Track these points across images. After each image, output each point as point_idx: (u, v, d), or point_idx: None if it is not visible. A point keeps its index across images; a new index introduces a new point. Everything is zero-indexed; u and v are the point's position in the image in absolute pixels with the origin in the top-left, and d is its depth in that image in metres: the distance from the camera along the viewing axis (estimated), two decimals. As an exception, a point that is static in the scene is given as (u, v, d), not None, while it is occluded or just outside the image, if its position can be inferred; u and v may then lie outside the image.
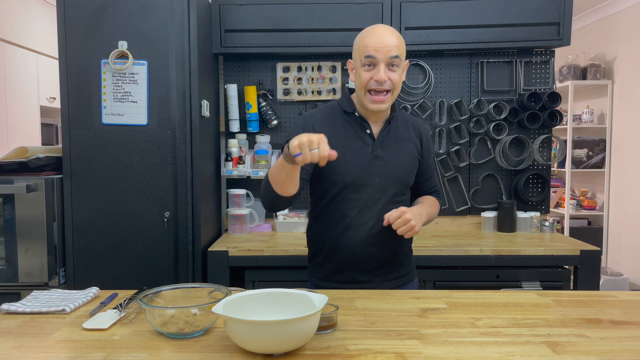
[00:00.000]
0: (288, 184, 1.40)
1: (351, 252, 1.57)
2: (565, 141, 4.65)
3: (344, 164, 1.53)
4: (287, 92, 2.76)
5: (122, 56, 2.19)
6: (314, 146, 1.22)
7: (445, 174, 2.78)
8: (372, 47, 1.47)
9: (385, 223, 1.45)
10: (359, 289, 1.56)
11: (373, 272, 1.60)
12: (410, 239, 1.71)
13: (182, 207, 2.25)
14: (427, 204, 1.65)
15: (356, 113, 1.58)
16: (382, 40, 1.47)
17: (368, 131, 1.57)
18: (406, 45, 2.52)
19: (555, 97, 2.67)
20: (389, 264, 1.61)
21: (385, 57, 1.47)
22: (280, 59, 2.76)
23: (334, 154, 1.25)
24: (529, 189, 2.79)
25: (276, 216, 2.74)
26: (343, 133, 1.57)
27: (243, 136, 2.74)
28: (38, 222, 2.14)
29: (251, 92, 2.70)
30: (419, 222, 1.48)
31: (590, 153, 4.73)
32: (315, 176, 1.58)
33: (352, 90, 1.65)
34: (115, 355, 1.07)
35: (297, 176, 1.39)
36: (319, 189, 1.61)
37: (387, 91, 1.50)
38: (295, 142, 1.23)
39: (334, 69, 2.75)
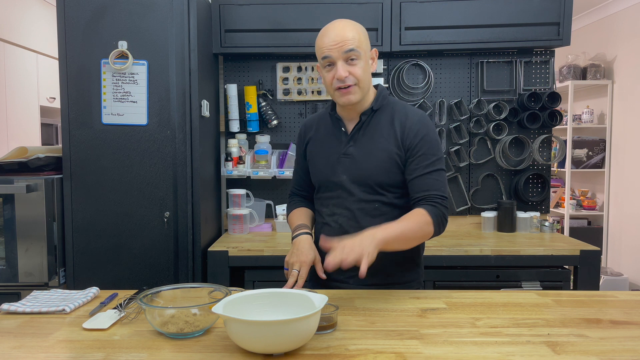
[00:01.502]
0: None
1: (325, 250, 1.54)
2: (565, 141, 4.65)
3: (318, 163, 1.59)
4: (287, 92, 2.76)
5: (122, 56, 2.19)
6: (296, 268, 1.46)
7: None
8: (326, 47, 1.44)
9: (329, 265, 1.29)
10: (337, 289, 1.56)
11: (346, 272, 1.50)
12: (413, 250, 1.54)
13: (182, 207, 2.25)
14: (402, 223, 1.39)
15: (330, 112, 1.59)
16: (335, 37, 1.43)
17: (343, 129, 1.55)
18: (406, 45, 2.57)
19: (555, 97, 2.67)
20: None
21: (340, 53, 1.42)
22: (280, 59, 2.76)
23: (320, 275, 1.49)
24: (529, 189, 2.79)
25: (276, 216, 2.74)
26: (323, 134, 1.60)
27: (243, 136, 2.74)
28: (38, 222, 2.14)
29: (251, 92, 2.70)
30: (364, 249, 1.27)
31: (590, 153, 4.73)
32: None
33: None
34: (115, 355, 1.07)
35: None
36: None
37: (353, 85, 1.45)
38: (287, 259, 1.51)
39: (334, 69, 2.75)
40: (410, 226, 1.38)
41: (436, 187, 1.45)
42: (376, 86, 1.58)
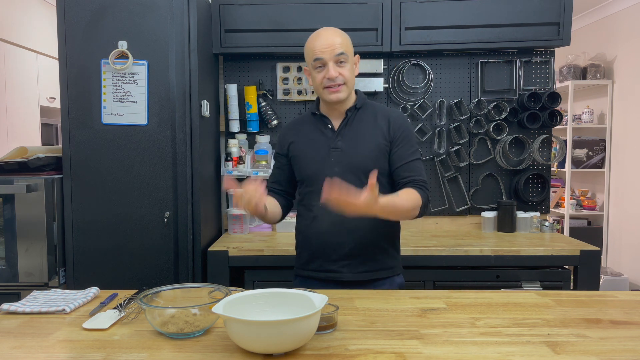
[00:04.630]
0: (265, 220, 1.66)
1: (318, 242, 1.66)
2: (565, 141, 4.65)
3: (306, 159, 1.68)
4: (287, 92, 2.76)
5: (122, 56, 2.19)
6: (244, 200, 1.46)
7: (445, 174, 2.77)
8: (319, 50, 1.59)
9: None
10: (329, 279, 1.64)
11: (340, 261, 1.64)
12: (392, 233, 1.71)
13: (182, 207, 2.25)
14: (399, 196, 1.52)
15: (317, 112, 1.71)
16: (326, 41, 1.59)
17: (330, 126, 1.68)
18: (406, 45, 2.58)
19: (555, 97, 2.67)
20: (356, 255, 1.63)
21: (331, 55, 1.58)
22: (280, 59, 2.76)
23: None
24: (529, 189, 2.79)
25: (276, 216, 2.74)
26: (307, 132, 1.71)
27: (243, 136, 2.74)
28: (38, 222, 2.14)
29: (251, 92, 2.70)
30: (365, 211, 1.36)
31: (590, 153, 4.73)
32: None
33: None
34: (115, 355, 1.07)
35: (267, 216, 1.62)
36: (298, 185, 1.77)
37: (342, 84, 1.60)
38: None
39: (334, 69, 2.75)
40: (405, 201, 1.52)
41: (419, 173, 1.65)
42: (355, 91, 1.73)
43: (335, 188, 1.30)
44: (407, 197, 1.53)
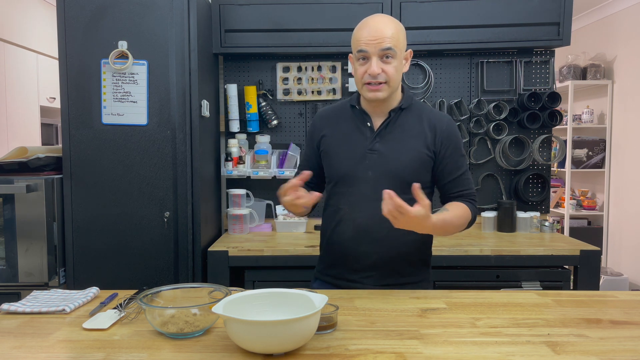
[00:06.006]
0: (297, 212, 1.54)
1: (340, 248, 1.54)
2: (565, 141, 4.65)
3: (338, 157, 1.55)
4: (287, 92, 2.76)
5: (122, 56, 2.19)
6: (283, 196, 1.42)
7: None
8: (364, 41, 1.44)
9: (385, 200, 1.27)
10: (350, 289, 1.55)
11: (362, 272, 1.54)
12: (423, 246, 1.59)
13: (182, 207, 2.25)
14: (450, 212, 1.45)
15: (357, 106, 1.56)
16: (374, 32, 1.43)
17: (368, 124, 1.54)
18: (406, 45, 2.56)
19: (555, 97, 2.67)
20: (381, 267, 1.53)
21: (376, 49, 1.43)
22: (280, 59, 2.76)
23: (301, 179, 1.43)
24: (529, 189, 2.79)
25: (276, 216, 2.74)
26: (344, 127, 1.57)
27: (243, 136, 2.74)
28: (38, 222, 2.14)
29: (251, 92, 2.71)
30: (413, 223, 1.28)
31: (590, 153, 4.73)
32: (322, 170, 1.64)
33: None
34: (115, 355, 1.07)
35: (302, 211, 1.50)
36: (325, 182, 1.65)
37: (383, 83, 1.46)
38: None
39: (334, 69, 2.75)
40: (456, 219, 1.45)
41: (470, 186, 1.56)
42: (402, 88, 1.58)
43: (393, 197, 1.24)
44: (458, 214, 1.45)
